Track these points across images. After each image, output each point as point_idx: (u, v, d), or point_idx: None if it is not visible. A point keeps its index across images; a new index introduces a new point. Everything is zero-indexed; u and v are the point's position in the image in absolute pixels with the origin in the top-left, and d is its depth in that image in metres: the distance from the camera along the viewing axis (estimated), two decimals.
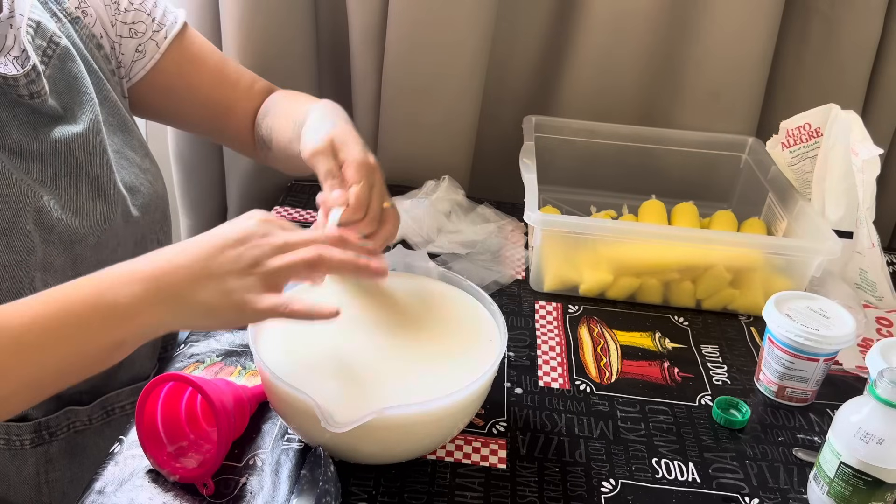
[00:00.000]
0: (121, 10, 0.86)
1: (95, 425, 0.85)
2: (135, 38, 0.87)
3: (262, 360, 0.68)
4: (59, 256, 0.76)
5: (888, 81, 1.23)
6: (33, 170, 0.74)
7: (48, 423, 0.80)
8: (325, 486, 0.64)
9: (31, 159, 0.74)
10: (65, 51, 0.78)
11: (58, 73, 0.77)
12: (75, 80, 0.79)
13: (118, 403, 0.87)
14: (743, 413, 0.82)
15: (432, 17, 1.15)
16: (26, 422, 0.79)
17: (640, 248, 0.99)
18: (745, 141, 1.22)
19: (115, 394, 0.86)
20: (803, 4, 1.21)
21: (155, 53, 0.89)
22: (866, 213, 1.00)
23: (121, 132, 0.85)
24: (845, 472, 0.67)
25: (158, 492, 0.68)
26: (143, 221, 0.85)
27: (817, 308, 0.84)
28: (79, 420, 0.83)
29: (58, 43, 0.77)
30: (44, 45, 0.76)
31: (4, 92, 0.72)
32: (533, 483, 0.72)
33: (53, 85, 0.76)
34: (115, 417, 0.87)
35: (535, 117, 1.20)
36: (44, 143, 0.75)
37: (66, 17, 0.81)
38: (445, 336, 0.76)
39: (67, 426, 0.82)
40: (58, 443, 0.82)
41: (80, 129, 0.78)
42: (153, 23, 0.88)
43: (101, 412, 0.85)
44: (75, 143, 0.77)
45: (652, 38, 1.21)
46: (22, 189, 0.72)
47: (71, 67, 0.78)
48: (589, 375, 0.88)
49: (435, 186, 1.16)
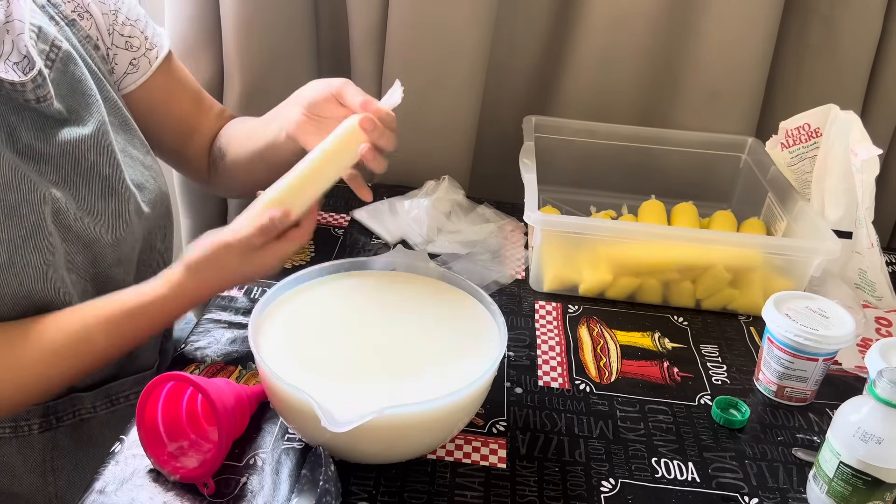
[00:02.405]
0: (118, 23, 0.88)
1: (100, 414, 0.86)
2: (130, 51, 0.89)
3: (263, 360, 0.68)
4: (78, 254, 0.78)
5: (887, 81, 1.23)
6: (46, 171, 0.76)
7: (55, 407, 0.82)
8: (326, 486, 0.64)
9: (43, 161, 0.76)
10: (66, 54, 0.79)
11: (61, 76, 0.78)
12: (79, 83, 0.80)
13: (122, 393, 0.88)
14: (742, 413, 0.82)
15: (432, 18, 1.15)
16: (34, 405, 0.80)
17: (640, 248, 0.99)
18: (744, 141, 1.22)
19: (119, 383, 0.87)
20: (803, 5, 1.22)
21: (147, 70, 0.91)
22: (865, 213, 1.00)
23: (123, 131, 0.86)
24: (844, 471, 0.68)
25: (159, 491, 0.68)
26: (152, 217, 0.87)
27: (817, 308, 0.84)
28: (83, 407, 0.84)
29: (59, 47, 0.79)
30: (46, 50, 0.77)
31: (11, 97, 0.73)
32: (533, 483, 0.73)
33: (58, 88, 0.78)
34: (120, 407, 0.88)
35: (535, 117, 1.20)
36: (54, 145, 0.77)
37: (63, 20, 0.82)
38: (445, 336, 0.76)
39: (73, 412, 0.84)
40: (64, 429, 0.83)
41: (88, 131, 0.79)
42: (146, 41, 0.91)
43: (104, 400, 0.86)
44: (85, 144, 0.79)
45: (652, 39, 1.21)
46: (41, 191, 0.74)
47: (74, 70, 0.79)
48: (589, 375, 0.88)
49: (435, 186, 1.16)
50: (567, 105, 1.25)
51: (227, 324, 0.90)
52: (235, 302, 0.94)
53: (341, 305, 0.79)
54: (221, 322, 0.90)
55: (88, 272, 0.80)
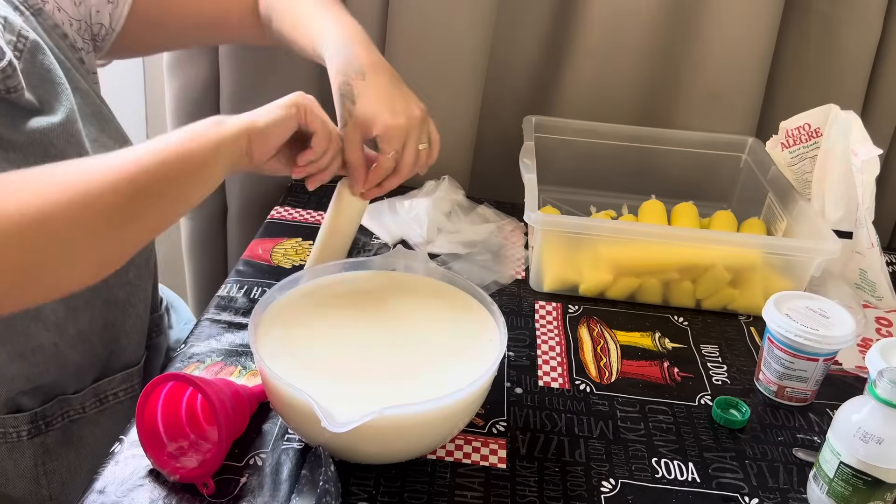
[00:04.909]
0: None
1: (89, 414, 0.86)
2: None
3: (263, 360, 0.68)
4: None
5: (888, 81, 1.23)
6: (14, 160, 0.74)
7: (44, 412, 0.81)
8: (326, 486, 0.64)
9: (12, 150, 0.75)
10: (34, 44, 0.77)
11: (30, 66, 0.77)
12: (48, 73, 0.78)
13: (111, 391, 0.88)
14: (742, 413, 0.82)
15: (432, 17, 1.15)
16: (22, 412, 0.80)
17: (640, 248, 0.99)
18: (744, 141, 1.22)
19: (107, 381, 0.87)
20: (803, 5, 1.22)
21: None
22: (866, 213, 1.00)
23: (96, 120, 0.84)
24: (845, 471, 0.67)
25: (158, 492, 0.68)
26: None
27: (817, 308, 0.84)
28: (72, 409, 0.84)
29: (27, 37, 0.77)
30: (14, 40, 0.76)
31: None
32: (533, 483, 0.73)
33: (28, 79, 0.76)
34: (109, 405, 0.88)
35: (535, 117, 1.20)
36: (23, 133, 0.75)
37: (28, 10, 0.80)
38: (445, 336, 0.76)
39: (62, 415, 0.83)
40: (54, 433, 0.83)
41: (58, 119, 0.78)
42: None
43: (93, 399, 0.86)
44: (54, 132, 0.77)
45: (652, 39, 1.21)
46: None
47: (42, 60, 0.78)
48: (589, 375, 0.88)
49: (435, 186, 1.16)
50: (567, 105, 1.25)
51: (227, 324, 0.90)
52: (235, 302, 0.94)
53: (341, 305, 0.79)
54: (221, 322, 0.90)
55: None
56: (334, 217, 0.87)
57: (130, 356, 0.90)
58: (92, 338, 0.84)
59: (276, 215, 1.14)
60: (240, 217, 1.34)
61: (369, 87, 0.81)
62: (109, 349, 0.87)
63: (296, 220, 1.13)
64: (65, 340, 0.80)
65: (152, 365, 0.96)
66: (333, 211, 0.87)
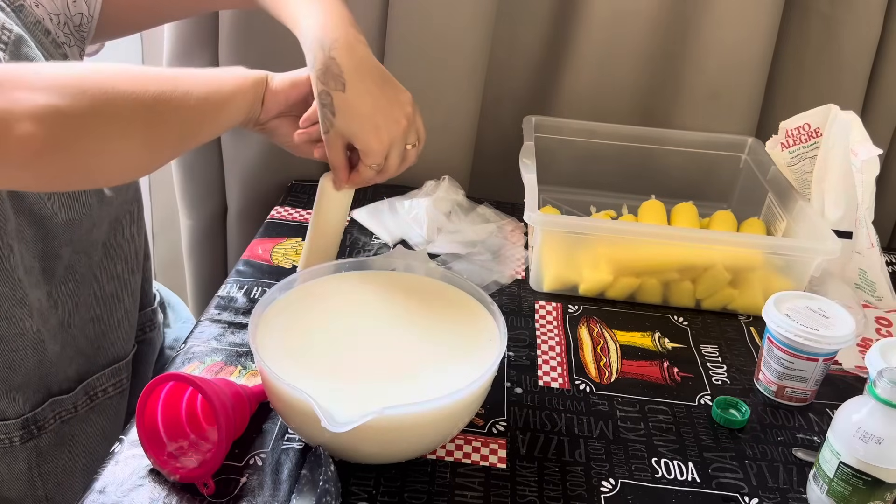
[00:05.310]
0: None
1: (81, 412, 0.86)
2: None
3: (262, 360, 0.68)
4: (28, 228, 0.77)
5: (888, 81, 1.23)
6: None
7: (35, 417, 0.81)
8: (326, 486, 0.64)
9: None
10: (18, 37, 0.77)
11: (15, 59, 0.76)
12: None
13: (100, 387, 0.88)
14: (742, 413, 0.82)
15: (432, 17, 1.15)
16: (13, 419, 0.79)
17: (640, 248, 0.99)
18: (744, 141, 1.22)
19: (96, 377, 0.87)
20: (803, 5, 1.22)
21: None
22: (866, 213, 1.00)
23: None
24: (845, 471, 0.67)
25: (158, 492, 0.68)
26: (117, 201, 0.85)
27: (817, 308, 0.84)
28: (64, 409, 0.84)
29: (10, 30, 0.76)
30: None
31: None
32: (533, 483, 0.73)
33: None
34: (100, 402, 0.88)
35: (535, 117, 1.20)
36: None
37: (8, 6, 0.80)
38: (445, 336, 0.76)
39: (54, 417, 0.83)
40: (47, 435, 0.83)
41: None
42: None
43: (84, 398, 0.86)
44: None
45: (652, 39, 1.21)
46: None
47: (27, 52, 0.77)
48: (589, 375, 0.88)
49: (435, 186, 1.16)
50: (567, 105, 1.25)
51: (227, 324, 0.90)
52: (235, 302, 0.94)
53: (341, 305, 0.79)
54: (221, 322, 0.90)
55: (38, 247, 0.79)
56: (321, 212, 0.85)
57: (118, 350, 0.90)
58: (73, 330, 0.84)
59: (276, 215, 1.14)
60: (240, 217, 1.34)
61: (350, 101, 0.75)
62: (96, 343, 0.87)
63: (296, 220, 1.13)
64: (47, 329, 0.80)
65: (145, 360, 0.96)
66: (319, 207, 0.84)
